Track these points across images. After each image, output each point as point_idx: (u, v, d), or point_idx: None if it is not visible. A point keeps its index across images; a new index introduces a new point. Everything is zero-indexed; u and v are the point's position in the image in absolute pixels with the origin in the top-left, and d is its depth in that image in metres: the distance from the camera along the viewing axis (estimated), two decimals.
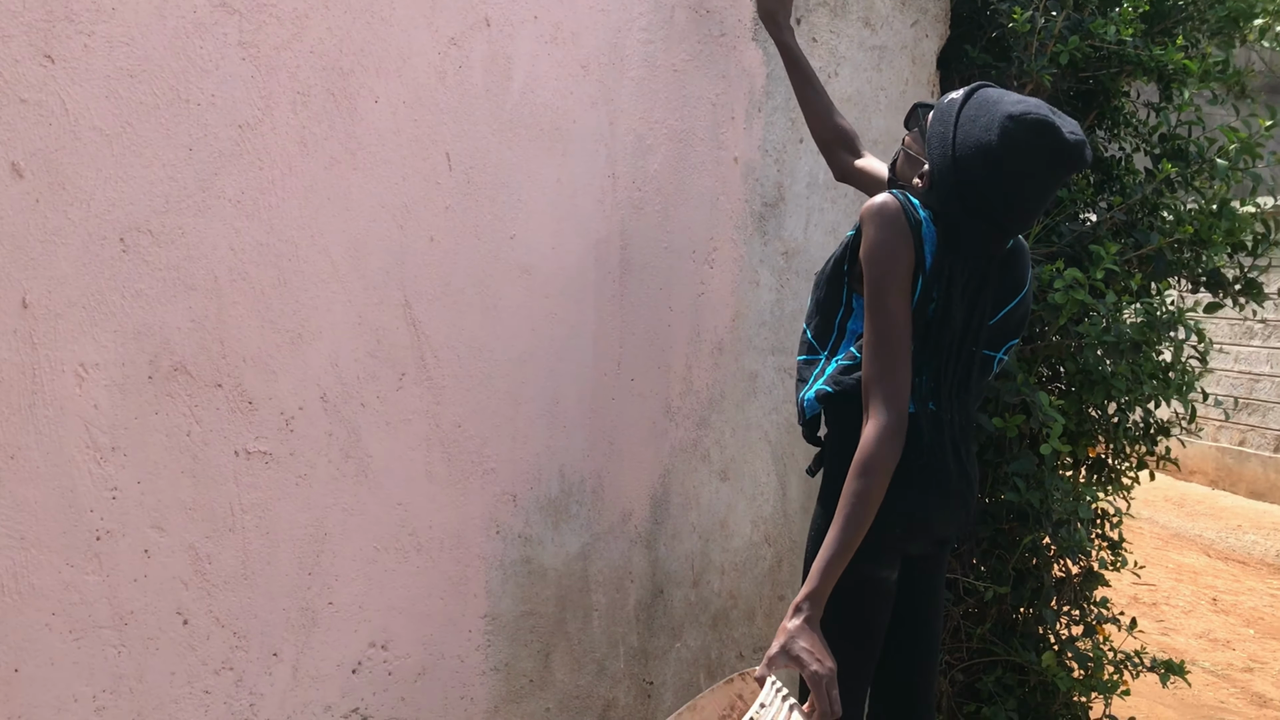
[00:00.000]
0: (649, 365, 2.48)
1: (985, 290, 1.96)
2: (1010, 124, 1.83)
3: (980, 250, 1.94)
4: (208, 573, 1.91)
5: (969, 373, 2.01)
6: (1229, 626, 7.37)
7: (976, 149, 1.87)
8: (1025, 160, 1.84)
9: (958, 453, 2.01)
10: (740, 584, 2.71)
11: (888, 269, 1.90)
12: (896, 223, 1.89)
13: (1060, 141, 1.83)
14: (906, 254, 1.90)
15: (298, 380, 1.98)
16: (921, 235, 1.91)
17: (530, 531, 2.31)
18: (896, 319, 1.89)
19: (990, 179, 1.86)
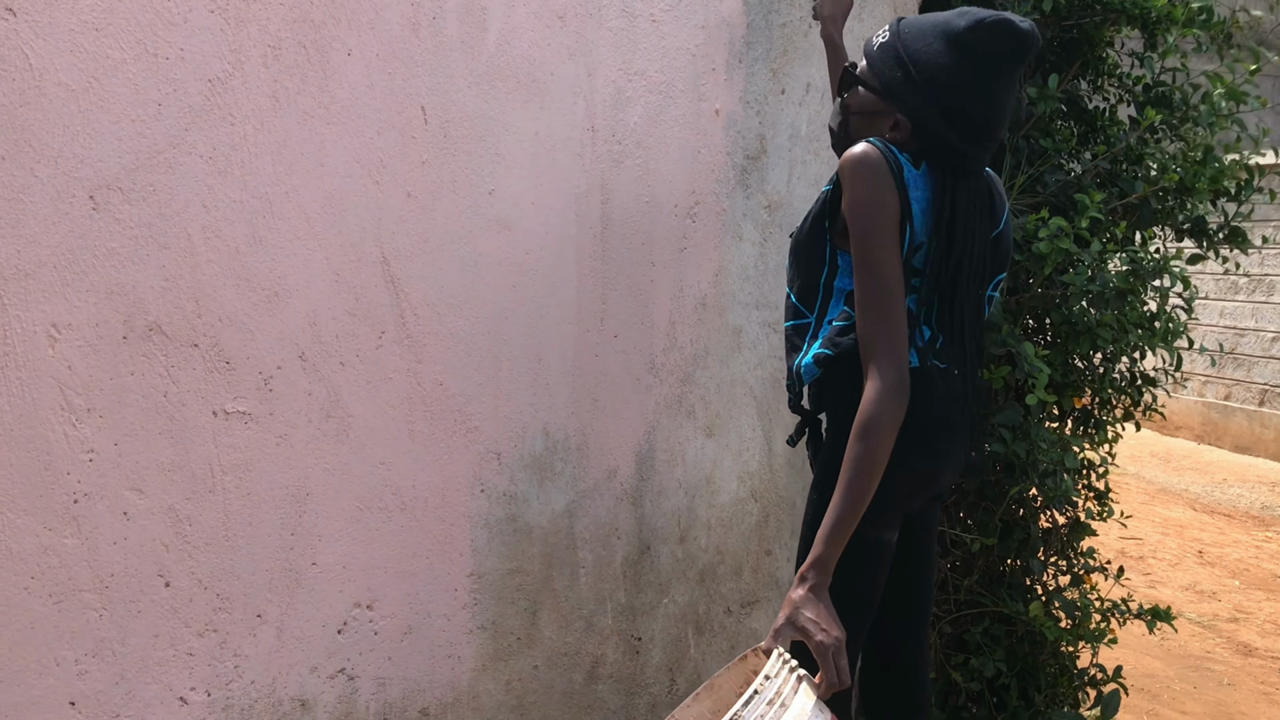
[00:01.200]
0: (632, 321, 2.46)
1: (984, 221, 1.94)
2: (969, 35, 1.84)
3: (977, 173, 1.93)
4: (188, 534, 1.89)
5: (973, 317, 1.98)
6: (1215, 578, 7.43)
7: (946, 70, 1.86)
8: (993, 62, 1.86)
9: (965, 407, 1.98)
10: (727, 539, 2.71)
11: (876, 220, 1.84)
12: (880, 171, 1.84)
13: (1018, 32, 1.85)
14: (893, 203, 1.84)
15: (275, 339, 1.95)
16: (904, 181, 1.86)
17: (515, 489, 2.30)
18: (888, 272, 1.84)
19: (969, 92, 1.86)
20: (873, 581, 1.98)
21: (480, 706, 2.28)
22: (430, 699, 2.21)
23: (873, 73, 1.96)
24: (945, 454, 1.99)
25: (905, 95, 1.90)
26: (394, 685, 2.15)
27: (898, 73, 1.91)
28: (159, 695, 1.88)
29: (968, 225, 1.91)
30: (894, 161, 1.86)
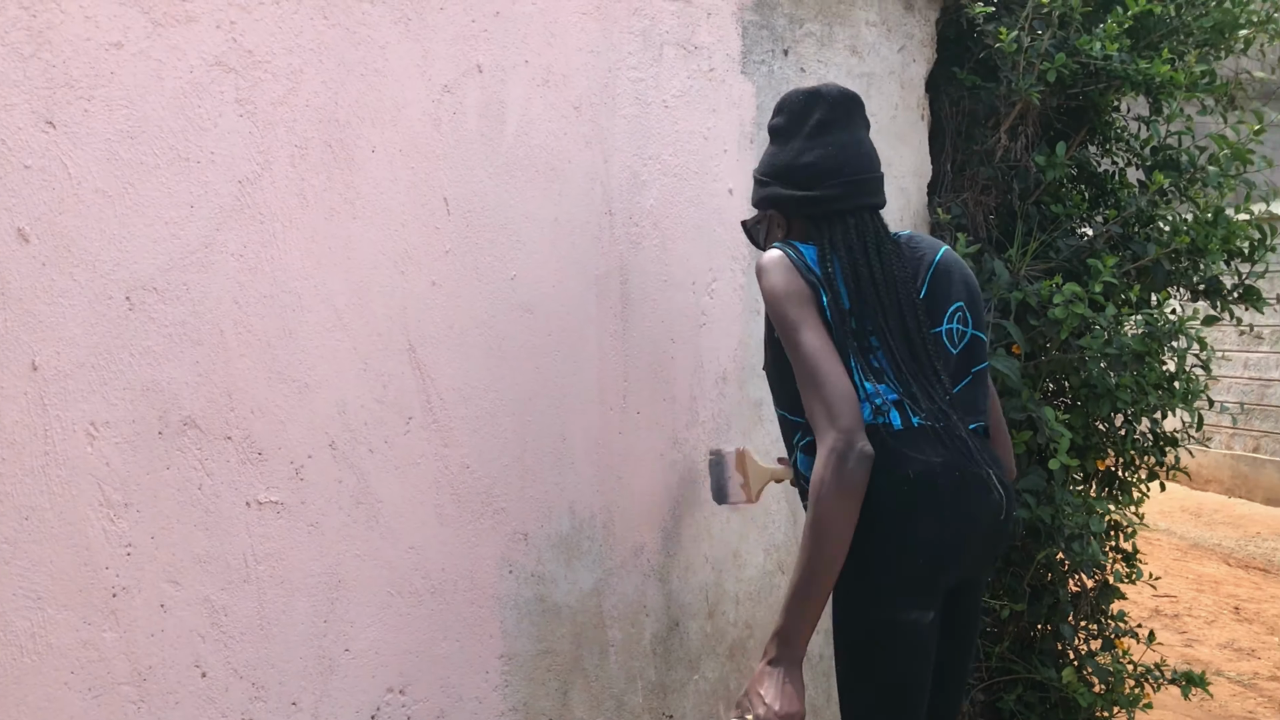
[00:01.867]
0: (654, 398, 2.50)
1: (888, 249, 2.02)
2: (775, 118, 2.14)
3: (853, 212, 2.04)
4: (224, 624, 1.92)
5: (940, 360, 1.98)
6: (1253, 635, 7.31)
7: (774, 154, 2.11)
8: (804, 123, 2.07)
9: (974, 456, 1.92)
10: (755, 613, 2.71)
11: (784, 305, 1.92)
12: (778, 264, 1.95)
13: (812, 91, 2.09)
14: (798, 283, 1.93)
15: (306, 429, 2.00)
16: (809, 265, 1.96)
17: (543, 569, 2.32)
18: (810, 343, 1.88)
19: (794, 154, 2.07)
20: (906, 666, 1.89)
21: None
22: None
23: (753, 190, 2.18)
24: (962, 515, 1.90)
25: (763, 195, 2.12)
26: None
27: (756, 183, 2.15)
28: None
29: (867, 257, 2.00)
30: (794, 252, 1.98)
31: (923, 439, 1.90)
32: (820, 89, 2.09)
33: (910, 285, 2.01)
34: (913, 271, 2.04)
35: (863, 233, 2.03)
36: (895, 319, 1.96)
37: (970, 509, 1.91)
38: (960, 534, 1.90)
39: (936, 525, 1.88)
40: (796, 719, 1.78)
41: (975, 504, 1.91)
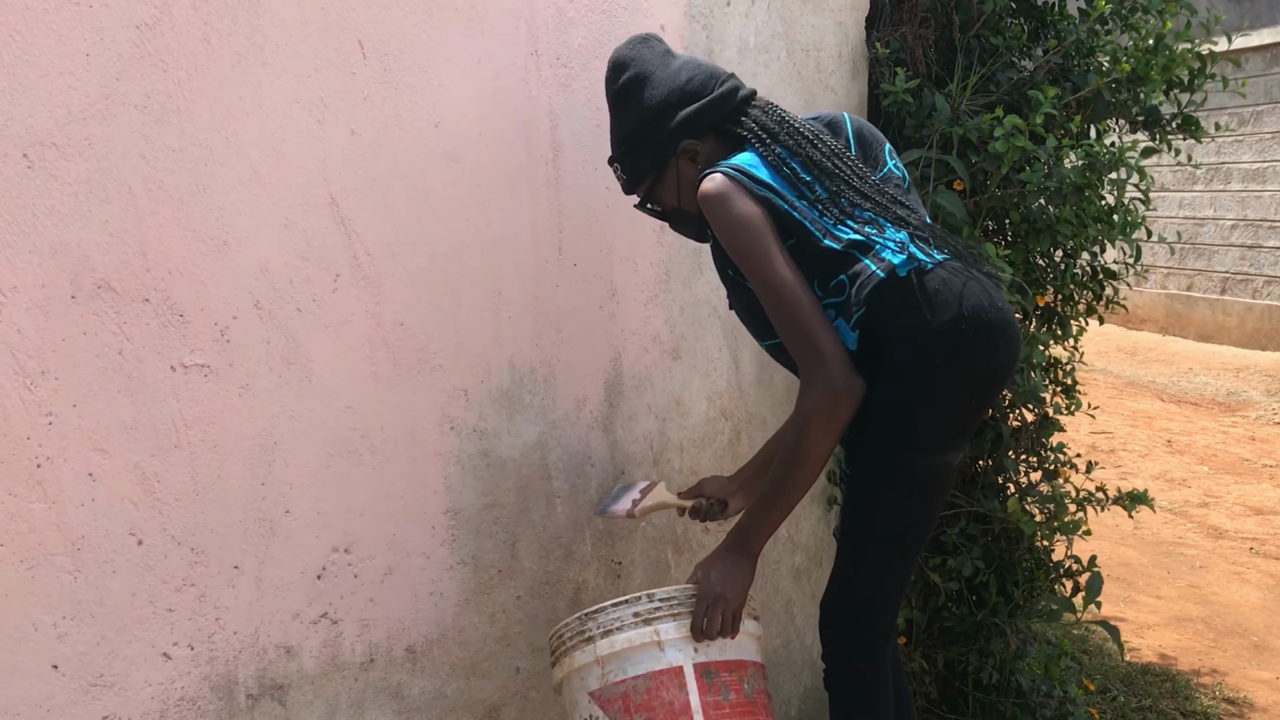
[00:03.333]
0: (591, 248, 2.44)
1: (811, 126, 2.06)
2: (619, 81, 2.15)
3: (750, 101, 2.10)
4: (157, 491, 1.87)
5: (903, 201, 2.02)
6: (1184, 466, 7.57)
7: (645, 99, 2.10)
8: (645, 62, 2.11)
9: (987, 286, 1.94)
10: (700, 459, 2.72)
11: (749, 236, 1.89)
12: (726, 186, 1.93)
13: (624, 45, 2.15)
14: (752, 207, 1.91)
15: (228, 289, 1.92)
16: (751, 172, 1.95)
17: (485, 425, 2.29)
18: (782, 278, 1.87)
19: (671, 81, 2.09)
20: (931, 507, 2.00)
21: (466, 640, 2.30)
22: (415, 636, 2.22)
23: (628, 167, 2.16)
24: (1009, 342, 1.93)
25: (667, 132, 2.07)
26: (378, 626, 2.16)
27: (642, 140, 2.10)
28: (142, 653, 1.87)
29: (799, 130, 2.02)
30: (731, 169, 1.96)
31: (952, 272, 1.92)
32: (635, 40, 2.15)
33: (840, 146, 2.05)
34: (833, 133, 2.10)
35: (778, 113, 2.06)
36: (856, 176, 2.00)
37: (1009, 333, 1.94)
38: (1009, 365, 1.96)
39: (992, 355, 1.92)
40: (735, 605, 1.95)
41: (1011, 328, 1.95)
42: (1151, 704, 3.90)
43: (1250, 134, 11.06)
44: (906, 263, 1.90)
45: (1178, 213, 12.02)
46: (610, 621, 2.05)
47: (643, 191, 2.17)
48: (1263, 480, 7.21)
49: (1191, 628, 4.79)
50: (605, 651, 2.02)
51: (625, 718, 2.01)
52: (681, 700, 1.98)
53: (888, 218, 1.96)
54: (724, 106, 2.06)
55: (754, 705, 2.03)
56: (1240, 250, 11.30)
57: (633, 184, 2.17)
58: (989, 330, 1.88)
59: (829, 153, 2.00)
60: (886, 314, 1.89)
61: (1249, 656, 4.56)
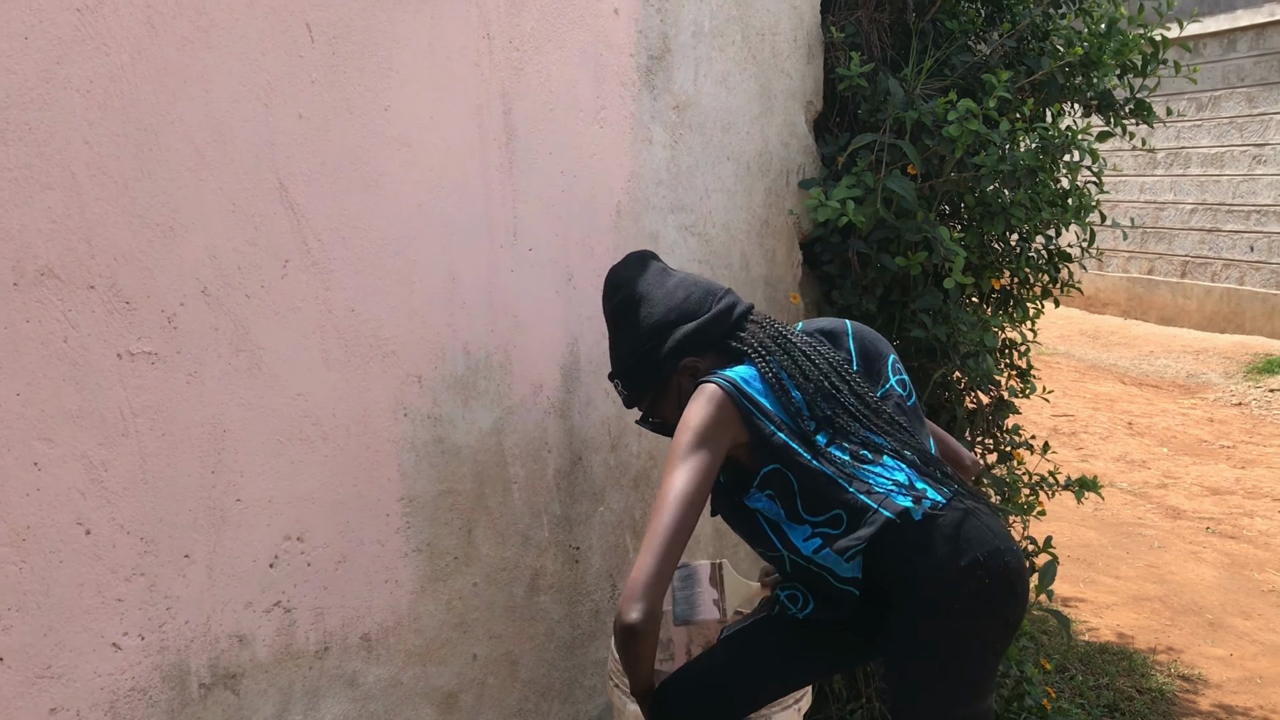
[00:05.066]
0: (546, 233, 2.43)
1: (810, 343, 1.99)
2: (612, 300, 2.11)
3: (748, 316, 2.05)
4: (105, 480, 1.85)
5: (903, 424, 1.94)
6: (1144, 447, 7.65)
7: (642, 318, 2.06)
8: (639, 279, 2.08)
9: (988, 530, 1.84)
10: (658, 444, 2.72)
11: (691, 437, 1.82)
12: (708, 394, 1.88)
13: (621, 265, 2.13)
14: (715, 419, 1.85)
15: (175, 275, 1.90)
16: (743, 384, 1.90)
17: (439, 411, 2.28)
18: (682, 495, 1.78)
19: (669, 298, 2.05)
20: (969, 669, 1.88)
21: (422, 628, 2.29)
22: (371, 624, 2.21)
23: (629, 383, 2.10)
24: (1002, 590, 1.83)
25: (666, 350, 2.02)
26: (332, 614, 2.15)
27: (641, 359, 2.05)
28: (90, 643, 1.86)
29: (797, 347, 1.97)
30: (724, 380, 1.89)
31: (959, 513, 1.84)
32: (631, 258, 2.13)
33: (845, 360, 2.01)
34: (834, 346, 2.04)
35: (776, 328, 2.02)
36: (854, 396, 1.94)
37: (1022, 576, 1.87)
38: (1024, 601, 1.89)
39: (1008, 601, 1.84)
40: None
41: (1022, 571, 1.88)
42: (1108, 682, 3.95)
43: (1208, 119, 11.18)
44: (915, 506, 1.82)
45: (1138, 197, 12.14)
46: None
47: (645, 406, 2.11)
48: (1220, 461, 7.30)
49: (1149, 607, 4.84)
50: (632, 717, 2.12)
51: None
52: None
53: (887, 448, 1.90)
54: (722, 323, 2.02)
55: None
56: (1199, 234, 11.43)
57: (634, 399, 2.12)
58: (1005, 574, 1.82)
59: (827, 370, 1.95)
60: (896, 560, 1.82)
61: (1204, 634, 4.63)
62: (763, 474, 1.89)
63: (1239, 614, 4.86)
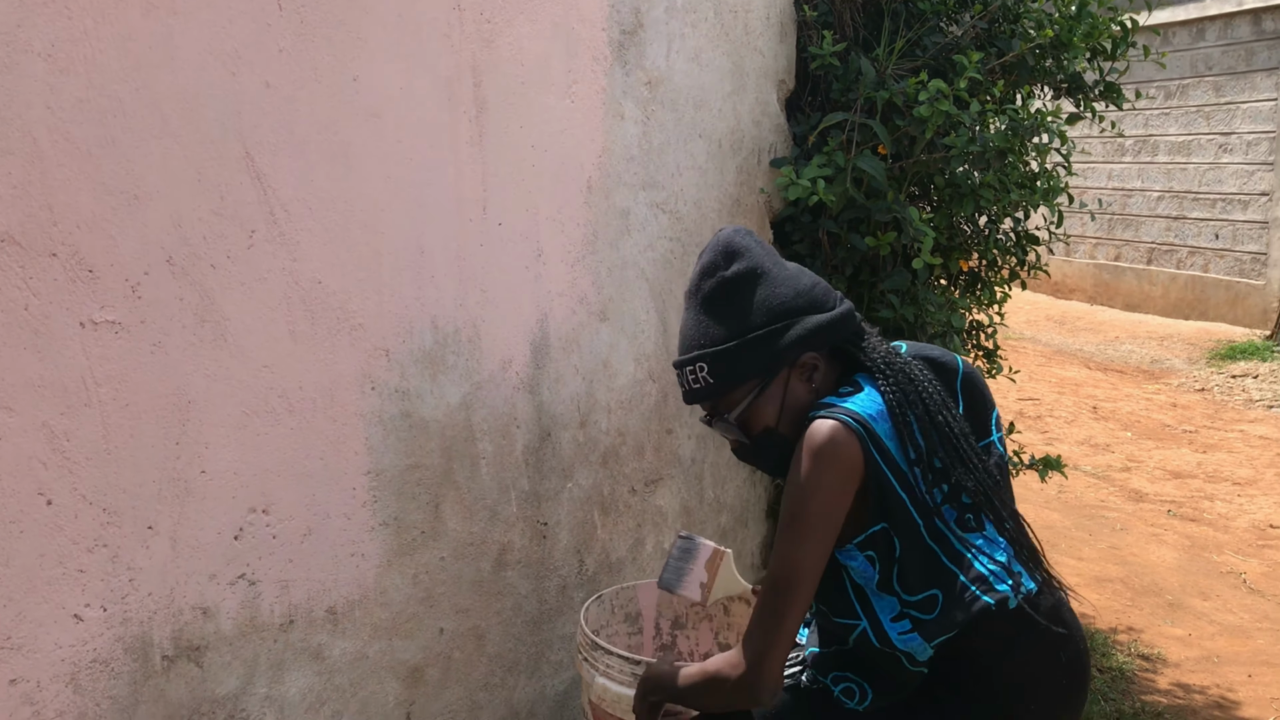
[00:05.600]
0: (516, 208, 2.42)
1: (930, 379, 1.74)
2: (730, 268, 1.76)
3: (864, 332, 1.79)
4: (67, 450, 1.83)
5: (1006, 496, 1.76)
6: (1108, 431, 7.73)
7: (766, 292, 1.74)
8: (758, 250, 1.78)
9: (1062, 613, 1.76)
10: (628, 421, 2.72)
11: (805, 506, 1.63)
12: (828, 450, 1.63)
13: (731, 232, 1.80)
14: (836, 483, 1.63)
15: (139, 244, 1.88)
16: (871, 423, 1.65)
17: (407, 385, 2.27)
18: (805, 574, 1.63)
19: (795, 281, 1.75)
20: None
21: (389, 601, 2.29)
22: (336, 598, 2.20)
23: (723, 371, 1.75)
24: (1085, 681, 1.77)
25: (790, 339, 1.71)
26: (298, 587, 2.14)
27: (744, 352, 1.73)
28: (51, 614, 1.84)
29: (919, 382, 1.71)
30: (854, 420, 1.64)
31: (1049, 602, 1.73)
32: (741, 229, 1.81)
33: (953, 406, 1.74)
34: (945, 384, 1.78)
35: (889, 346, 1.76)
36: (969, 451, 1.70)
37: (1083, 679, 1.78)
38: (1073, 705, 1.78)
39: (1081, 694, 1.78)
40: None
41: (1084, 674, 1.78)
42: None
43: (1176, 107, 11.27)
44: (1014, 594, 1.68)
45: (1106, 183, 12.23)
46: (611, 668, 2.16)
47: (731, 402, 1.77)
48: (1182, 445, 7.39)
49: (1110, 587, 4.90)
50: (600, 690, 2.17)
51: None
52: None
53: (991, 518, 1.71)
54: (850, 325, 1.76)
55: None
56: (1166, 221, 11.53)
57: (720, 390, 1.76)
58: (1083, 671, 1.75)
59: (950, 417, 1.70)
60: (989, 646, 1.70)
61: (1164, 614, 4.69)
62: (870, 532, 1.68)
63: (1198, 595, 4.93)
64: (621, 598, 2.52)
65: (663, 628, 2.57)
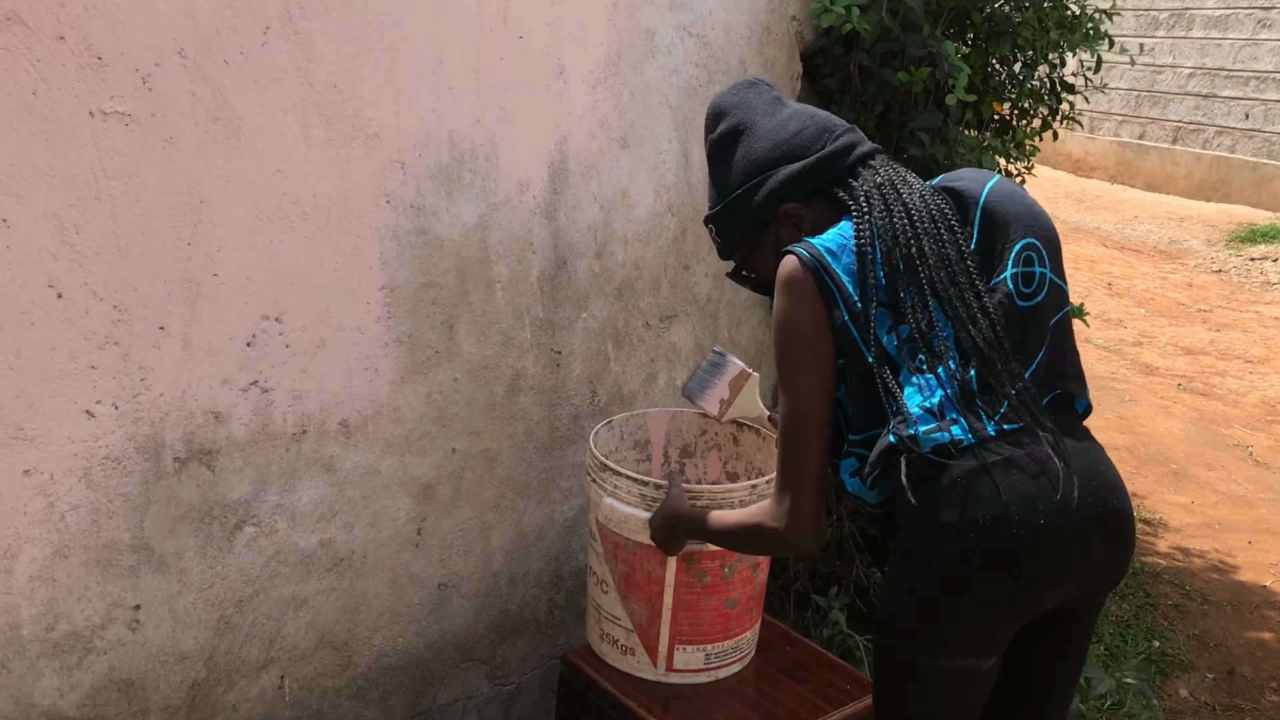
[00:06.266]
0: (537, 21, 2.33)
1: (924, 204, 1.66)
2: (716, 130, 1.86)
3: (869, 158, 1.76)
4: (76, 243, 1.79)
5: (994, 333, 1.60)
6: (1122, 308, 7.68)
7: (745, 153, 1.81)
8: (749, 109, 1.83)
9: (1049, 484, 1.54)
10: (645, 254, 2.68)
11: (790, 341, 1.66)
12: (791, 276, 1.65)
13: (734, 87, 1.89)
14: (807, 310, 1.64)
15: (151, 33, 1.81)
16: (821, 257, 1.64)
17: (423, 201, 2.22)
18: (807, 411, 1.64)
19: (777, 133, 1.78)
20: (948, 710, 1.66)
21: (401, 419, 2.28)
22: (349, 411, 2.19)
23: (722, 229, 1.87)
24: (1047, 562, 1.55)
25: (765, 193, 1.77)
26: (310, 398, 2.13)
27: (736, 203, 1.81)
28: (63, 408, 1.83)
29: (902, 211, 1.65)
30: (806, 250, 1.65)
31: (993, 461, 1.55)
32: (740, 85, 1.87)
33: (956, 235, 1.64)
34: (959, 214, 1.68)
35: (892, 175, 1.72)
36: (945, 285, 1.61)
37: (1059, 551, 1.55)
38: (1042, 581, 1.57)
39: (1009, 581, 1.55)
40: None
41: (1064, 544, 1.55)
42: None
43: None
44: (931, 434, 1.57)
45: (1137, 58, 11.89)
46: (620, 488, 2.20)
47: (738, 258, 1.88)
48: (1196, 323, 7.35)
49: (1116, 455, 4.92)
50: (608, 511, 2.22)
51: (612, 558, 2.27)
52: (659, 574, 2.22)
53: (950, 357, 1.60)
54: (834, 167, 1.73)
55: (730, 584, 2.23)
56: (1195, 100, 11.26)
57: (727, 249, 1.88)
58: (1007, 551, 1.53)
59: (931, 249, 1.63)
60: (896, 488, 1.61)
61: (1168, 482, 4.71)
62: (838, 364, 1.67)
63: (1203, 465, 4.95)
64: (631, 424, 2.51)
65: (671, 455, 2.57)
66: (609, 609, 2.31)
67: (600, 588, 2.32)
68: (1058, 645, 1.71)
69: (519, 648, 2.65)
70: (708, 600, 2.23)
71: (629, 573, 2.25)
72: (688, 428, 2.55)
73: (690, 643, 2.25)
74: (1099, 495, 1.60)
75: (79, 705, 1.96)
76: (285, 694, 2.23)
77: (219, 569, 2.08)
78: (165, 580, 2.01)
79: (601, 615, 2.33)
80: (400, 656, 2.41)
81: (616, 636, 2.31)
